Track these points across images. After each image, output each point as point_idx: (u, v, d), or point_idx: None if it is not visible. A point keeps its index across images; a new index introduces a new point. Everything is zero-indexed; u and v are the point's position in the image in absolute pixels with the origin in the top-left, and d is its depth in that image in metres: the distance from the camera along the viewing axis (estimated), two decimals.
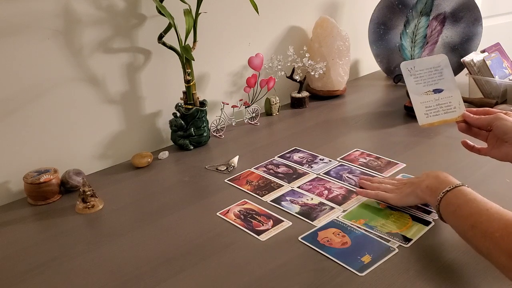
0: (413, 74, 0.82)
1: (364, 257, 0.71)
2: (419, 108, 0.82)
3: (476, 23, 1.47)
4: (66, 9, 0.98)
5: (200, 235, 0.80)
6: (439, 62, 0.82)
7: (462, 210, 0.65)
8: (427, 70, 0.82)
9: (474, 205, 0.64)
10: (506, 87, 1.29)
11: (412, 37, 1.55)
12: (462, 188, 0.68)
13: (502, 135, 0.73)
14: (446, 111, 0.81)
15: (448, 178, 0.73)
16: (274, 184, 0.96)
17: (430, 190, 0.73)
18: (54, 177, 0.95)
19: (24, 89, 0.96)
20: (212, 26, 1.23)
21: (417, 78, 0.82)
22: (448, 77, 0.81)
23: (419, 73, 0.82)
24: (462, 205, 0.65)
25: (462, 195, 0.67)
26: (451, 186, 0.69)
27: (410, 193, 0.79)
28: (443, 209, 0.69)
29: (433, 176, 0.75)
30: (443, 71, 0.82)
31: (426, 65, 0.82)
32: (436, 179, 0.73)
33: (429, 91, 0.81)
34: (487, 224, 0.59)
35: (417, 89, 0.82)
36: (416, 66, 0.83)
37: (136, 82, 1.13)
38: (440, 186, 0.71)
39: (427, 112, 0.81)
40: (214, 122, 1.26)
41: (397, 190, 0.83)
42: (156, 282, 0.69)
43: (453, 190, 0.69)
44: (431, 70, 0.82)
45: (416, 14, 1.52)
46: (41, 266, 0.75)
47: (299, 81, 1.42)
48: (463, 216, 0.64)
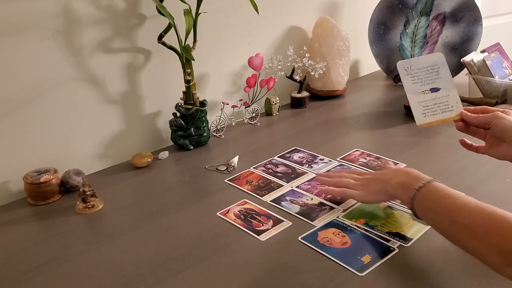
0: (410, 73, 0.82)
1: (364, 257, 0.71)
2: (416, 107, 0.81)
3: (476, 23, 1.47)
4: (66, 9, 0.98)
5: (200, 235, 0.80)
6: (435, 60, 0.82)
7: (439, 206, 0.64)
8: (423, 69, 0.82)
9: (451, 200, 0.63)
10: (506, 87, 1.29)
11: (412, 37, 1.55)
12: (435, 184, 0.67)
13: (500, 134, 0.73)
14: (443, 110, 0.80)
15: (419, 174, 0.71)
16: (274, 184, 0.96)
17: (402, 187, 0.71)
18: (54, 177, 0.95)
19: (24, 89, 0.96)
20: (212, 26, 1.23)
21: (414, 77, 0.82)
22: (445, 75, 0.81)
23: (415, 72, 0.82)
24: (438, 200, 0.64)
25: (436, 190, 0.66)
26: (424, 181, 0.68)
27: (379, 191, 0.77)
28: (417, 205, 0.68)
29: (403, 173, 0.74)
30: (440, 69, 0.81)
31: (423, 64, 0.82)
32: (407, 176, 0.72)
33: (426, 90, 0.81)
34: (469, 219, 0.59)
35: (414, 89, 0.82)
36: (413, 65, 0.82)
37: (136, 82, 1.13)
38: (412, 182, 0.69)
39: (424, 111, 0.81)
40: (214, 122, 1.26)
41: (362, 186, 0.80)
42: (156, 282, 0.69)
43: (427, 185, 0.67)
44: (428, 69, 0.81)
45: (416, 14, 1.52)
46: (41, 266, 0.75)
47: (299, 81, 1.42)
48: (441, 212, 0.63)
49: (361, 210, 0.84)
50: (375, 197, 0.78)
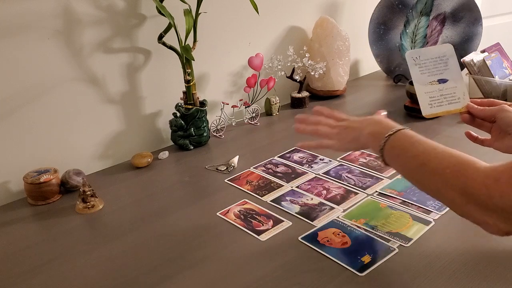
0: (418, 64, 0.81)
1: (364, 257, 0.71)
2: (423, 98, 0.80)
3: (476, 23, 1.47)
4: (66, 9, 0.98)
5: (200, 235, 0.80)
6: (444, 51, 0.81)
7: (408, 151, 0.64)
8: (432, 59, 0.81)
9: (420, 146, 0.63)
10: (506, 87, 1.29)
11: (412, 37, 1.55)
12: (405, 131, 0.67)
13: (505, 127, 0.72)
14: (450, 102, 0.79)
15: (390, 123, 0.71)
16: (274, 184, 0.96)
17: (373, 136, 0.70)
18: (54, 177, 0.95)
19: (24, 89, 0.96)
20: (212, 26, 1.23)
21: (422, 68, 0.81)
22: (453, 67, 0.80)
23: (424, 63, 0.81)
24: (407, 147, 0.64)
25: (406, 137, 0.66)
26: (394, 129, 0.67)
27: (352, 140, 0.76)
28: (387, 153, 0.67)
29: (375, 122, 0.73)
30: (449, 61, 0.80)
31: (432, 55, 0.81)
32: (378, 125, 0.71)
33: (433, 81, 0.80)
34: (436, 161, 0.59)
35: (421, 79, 0.81)
36: (422, 56, 0.81)
37: (136, 82, 1.13)
38: (383, 131, 0.68)
39: (431, 102, 0.80)
40: (214, 122, 1.26)
41: (336, 135, 0.79)
42: (156, 282, 0.69)
43: (396, 133, 0.67)
44: (436, 60, 0.81)
45: (416, 14, 1.52)
46: (41, 266, 0.75)
47: (299, 81, 1.42)
48: (410, 157, 0.63)
49: (361, 210, 0.84)
50: (349, 146, 0.77)
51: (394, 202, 0.85)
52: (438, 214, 0.80)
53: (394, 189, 0.90)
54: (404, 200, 0.86)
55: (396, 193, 0.88)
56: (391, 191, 0.89)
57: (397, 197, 0.87)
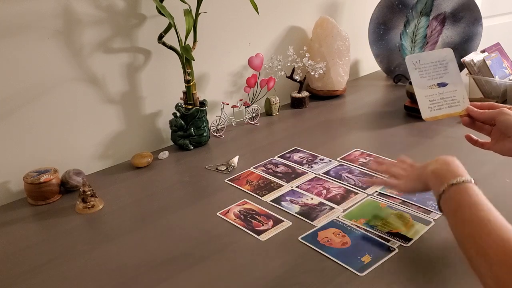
0: (418, 68, 0.82)
1: (364, 257, 0.71)
2: (423, 101, 0.81)
3: (476, 23, 1.47)
4: (66, 9, 0.98)
5: (200, 235, 0.80)
6: (444, 56, 0.81)
7: (463, 213, 0.59)
8: (432, 63, 0.81)
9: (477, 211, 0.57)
10: (506, 87, 1.29)
11: (412, 37, 1.55)
12: (469, 186, 0.61)
13: (505, 130, 0.73)
14: (450, 105, 0.80)
15: (458, 168, 0.65)
16: (274, 184, 0.96)
17: (436, 177, 0.66)
18: (54, 177, 0.95)
19: (24, 89, 0.96)
20: (212, 26, 1.23)
21: (422, 72, 0.81)
22: (453, 71, 0.81)
23: (424, 67, 0.82)
24: (465, 206, 0.60)
25: (467, 195, 0.60)
26: (459, 179, 0.62)
27: (416, 178, 0.72)
28: (444, 202, 0.63)
29: (442, 162, 0.67)
30: (448, 65, 0.81)
31: (431, 59, 0.82)
32: (445, 166, 0.66)
33: (433, 84, 0.81)
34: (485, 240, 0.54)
35: (421, 83, 0.81)
36: (421, 60, 0.82)
37: (136, 82, 1.13)
38: (447, 175, 0.64)
39: (431, 105, 0.81)
40: (214, 122, 1.26)
41: (405, 177, 0.76)
42: (156, 282, 0.69)
43: (460, 185, 0.61)
44: (436, 64, 0.81)
45: (416, 14, 1.52)
46: (41, 266, 0.75)
47: (299, 81, 1.42)
48: (463, 220, 0.59)
49: (361, 210, 0.84)
50: (413, 185, 0.73)
51: (394, 202, 0.85)
52: (438, 214, 0.80)
53: None
54: (404, 200, 0.86)
55: (396, 193, 0.88)
56: (391, 191, 0.89)
57: (397, 197, 0.87)
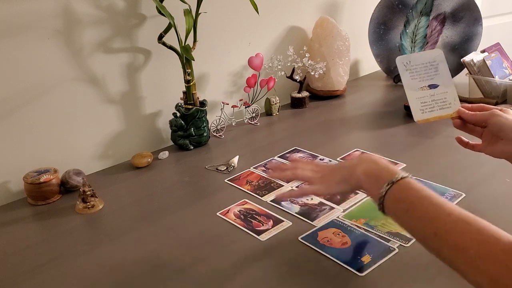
0: (409, 69, 0.82)
1: (364, 257, 0.71)
2: (415, 103, 0.81)
3: (476, 23, 1.47)
4: (66, 9, 0.98)
5: (200, 235, 0.80)
6: (434, 57, 0.81)
7: (417, 210, 0.56)
8: (422, 65, 0.81)
9: (431, 207, 0.54)
10: (506, 87, 1.29)
11: (412, 37, 1.55)
12: (409, 181, 0.59)
13: (497, 132, 0.72)
14: (441, 107, 0.80)
15: (388, 165, 0.62)
16: (274, 184, 0.96)
17: (369, 177, 0.62)
18: (54, 177, 0.95)
19: (24, 89, 0.96)
20: (212, 26, 1.23)
21: (413, 73, 0.81)
22: (443, 72, 0.81)
23: (414, 68, 0.81)
24: (415, 203, 0.56)
25: (412, 190, 0.57)
26: (397, 176, 0.59)
27: (341, 181, 0.67)
28: (390, 204, 0.59)
29: (369, 161, 0.65)
30: (439, 66, 0.81)
31: (422, 60, 0.81)
32: (375, 164, 0.63)
33: (424, 86, 0.81)
34: (455, 235, 0.51)
35: (412, 84, 0.81)
36: (412, 61, 0.82)
37: (136, 82, 1.13)
38: (382, 175, 0.61)
39: (422, 107, 0.81)
40: (214, 122, 1.26)
41: (321, 179, 0.71)
42: (156, 282, 0.69)
43: (400, 182, 0.58)
44: (427, 65, 0.81)
45: (416, 14, 1.52)
46: (41, 266, 0.75)
47: (299, 81, 1.42)
48: (419, 219, 0.55)
49: (361, 210, 0.84)
50: (337, 188, 0.68)
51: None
52: None
53: None
54: None
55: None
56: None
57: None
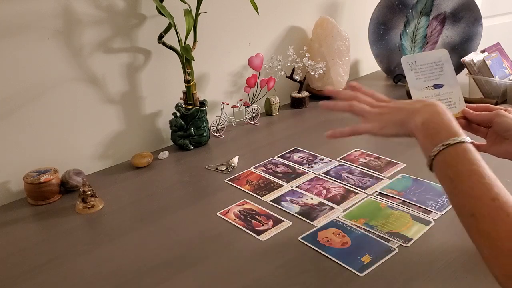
0: (414, 69, 0.81)
1: (364, 257, 0.71)
2: None
3: (476, 23, 1.47)
4: (66, 9, 0.98)
5: (200, 235, 0.80)
6: (440, 57, 0.81)
7: (463, 184, 0.53)
8: (428, 64, 0.81)
9: (478, 186, 0.51)
10: (506, 87, 1.29)
11: (412, 37, 1.55)
12: (466, 148, 0.55)
13: (502, 132, 0.72)
14: (446, 107, 0.79)
15: (452, 122, 0.58)
16: (274, 184, 0.96)
17: (426, 130, 0.59)
18: (54, 177, 0.95)
19: (24, 89, 0.96)
20: (212, 26, 1.23)
21: (418, 73, 0.81)
22: (448, 72, 0.80)
23: (419, 68, 0.81)
24: (464, 175, 0.53)
25: (466, 160, 0.54)
26: (455, 139, 0.56)
27: (398, 123, 0.64)
28: (438, 165, 0.57)
29: (433, 111, 0.60)
30: (444, 66, 0.80)
31: (427, 60, 0.81)
32: (437, 117, 0.59)
33: (429, 86, 0.80)
34: (490, 223, 0.49)
35: (417, 84, 0.81)
36: (417, 61, 0.81)
37: (136, 82, 1.13)
38: (441, 132, 0.57)
39: None
40: (214, 122, 1.26)
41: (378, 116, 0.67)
42: (156, 282, 0.69)
43: (456, 146, 0.55)
44: (432, 65, 0.81)
45: (416, 14, 1.52)
46: (41, 266, 0.75)
47: (299, 81, 1.42)
48: (462, 193, 0.53)
49: (361, 210, 0.84)
50: (392, 129, 0.64)
51: (394, 202, 0.85)
52: (438, 214, 0.80)
53: (394, 189, 0.90)
54: (404, 200, 0.86)
55: (396, 193, 0.88)
56: (391, 191, 0.89)
57: (397, 197, 0.87)
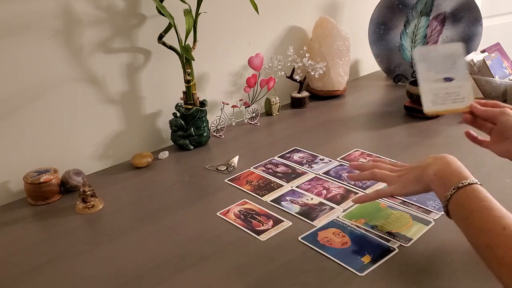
0: (426, 59, 0.80)
1: (364, 257, 0.71)
2: (427, 94, 0.78)
3: (476, 23, 1.47)
4: (66, 9, 0.98)
5: (200, 235, 0.80)
6: (454, 50, 0.80)
7: (475, 220, 0.57)
8: (441, 57, 0.79)
9: (489, 219, 0.56)
10: (506, 87, 1.29)
11: (412, 37, 1.55)
12: (476, 188, 0.60)
13: (504, 131, 0.72)
14: (454, 101, 0.78)
15: (460, 169, 0.64)
16: (274, 184, 0.96)
17: (439, 180, 0.64)
18: (54, 177, 0.95)
19: (24, 89, 0.96)
20: (212, 26, 1.23)
21: (430, 64, 0.80)
22: (461, 66, 0.79)
23: (432, 59, 0.80)
24: (475, 212, 0.58)
25: (476, 199, 0.59)
26: (464, 182, 0.60)
27: (414, 180, 0.70)
28: (452, 208, 0.61)
29: (442, 162, 0.66)
30: (457, 60, 0.79)
31: (441, 52, 0.80)
32: (446, 167, 0.65)
33: (439, 78, 0.79)
34: (504, 250, 0.52)
35: (427, 75, 0.79)
36: (431, 52, 0.80)
37: (136, 82, 1.13)
38: (451, 178, 0.62)
39: (434, 99, 0.78)
40: (214, 122, 1.26)
41: (397, 178, 0.73)
42: (156, 282, 0.69)
43: (466, 188, 0.60)
44: (446, 57, 0.79)
45: (416, 14, 1.52)
46: (41, 266, 0.75)
47: (299, 81, 1.42)
48: (476, 229, 0.57)
49: (361, 210, 0.84)
50: (411, 187, 0.70)
51: (394, 202, 0.85)
52: (438, 214, 0.80)
53: None
54: (404, 200, 0.86)
55: None
56: None
57: (397, 197, 0.87)
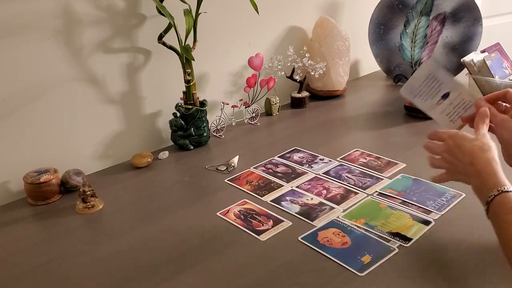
0: (416, 95, 0.82)
1: (364, 257, 0.71)
2: (442, 119, 0.80)
3: (476, 23, 1.47)
4: (66, 9, 0.98)
5: (200, 235, 0.80)
6: (428, 70, 0.81)
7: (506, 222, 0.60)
8: (423, 83, 0.81)
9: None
10: (506, 87, 1.28)
11: (412, 37, 1.55)
12: (508, 195, 0.62)
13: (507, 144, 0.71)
14: (465, 108, 0.79)
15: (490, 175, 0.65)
16: (274, 184, 0.96)
17: (477, 190, 0.67)
18: (54, 177, 0.95)
19: (24, 89, 0.96)
20: (212, 26, 1.23)
21: (422, 95, 0.81)
22: (445, 78, 0.80)
23: (419, 91, 0.81)
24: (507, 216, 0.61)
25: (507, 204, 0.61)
26: (498, 190, 0.63)
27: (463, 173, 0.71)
28: (492, 215, 0.64)
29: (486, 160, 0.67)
30: (437, 75, 0.80)
31: (420, 80, 0.81)
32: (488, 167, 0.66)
33: (439, 100, 0.80)
34: None
35: (428, 105, 0.81)
36: (413, 85, 0.82)
37: (136, 82, 1.13)
38: (486, 187, 0.64)
39: (451, 118, 0.80)
40: (214, 122, 1.26)
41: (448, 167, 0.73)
42: (156, 282, 0.69)
43: (501, 195, 0.62)
44: (426, 81, 0.81)
45: (416, 14, 1.52)
46: (41, 266, 0.75)
47: (299, 81, 1.42)
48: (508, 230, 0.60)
49: (361, 210, 0.84)
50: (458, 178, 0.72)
51: (394, 202, 0.85)
52: (438, 214, 0.80)
53: (394, 189, 0.90)
54: (404, 200, 0.86)
55: (396, 193, 0.89)
56: (391, 191, 0.89)
57: (397, 197, 0.87)
